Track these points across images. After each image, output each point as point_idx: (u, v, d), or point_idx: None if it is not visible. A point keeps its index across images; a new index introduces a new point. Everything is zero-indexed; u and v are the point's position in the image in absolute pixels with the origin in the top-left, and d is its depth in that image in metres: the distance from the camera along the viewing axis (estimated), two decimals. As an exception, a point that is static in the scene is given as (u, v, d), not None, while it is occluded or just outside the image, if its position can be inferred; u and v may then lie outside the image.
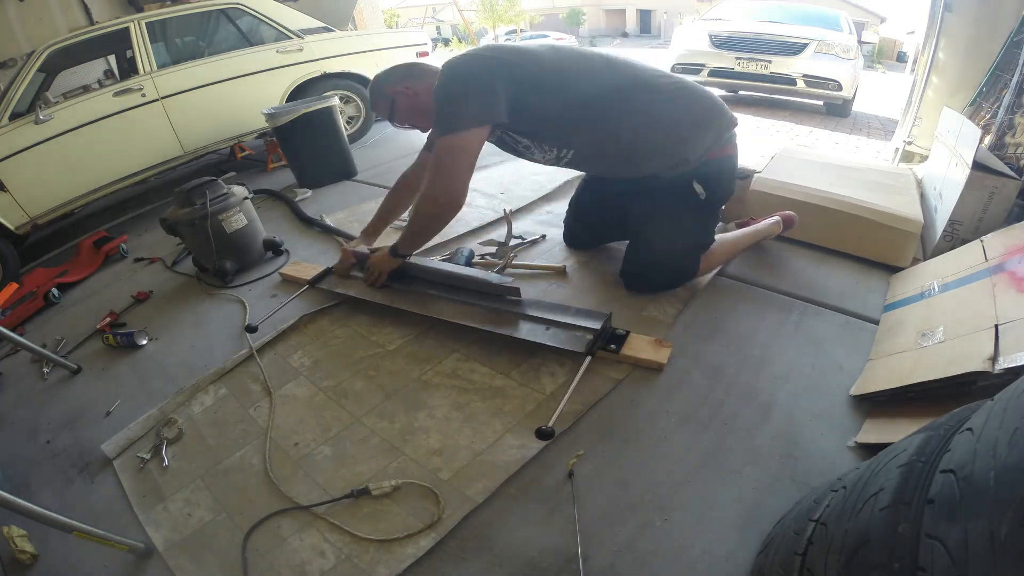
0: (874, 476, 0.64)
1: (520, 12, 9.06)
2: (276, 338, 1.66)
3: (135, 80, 3.10)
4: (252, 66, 3.47)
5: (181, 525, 1.12)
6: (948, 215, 1.73)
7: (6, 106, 2.73)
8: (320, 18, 3.89)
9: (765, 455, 1.12)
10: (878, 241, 1.77)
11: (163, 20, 3.30)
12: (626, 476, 1.10)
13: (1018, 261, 1.24)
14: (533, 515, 1.05)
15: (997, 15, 2.34)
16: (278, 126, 2.93)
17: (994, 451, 0.48)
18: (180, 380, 1.55)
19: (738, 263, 1.81)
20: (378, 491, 1.10)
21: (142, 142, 3.16)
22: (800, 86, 4.65)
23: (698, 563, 0.94)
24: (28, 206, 2.72)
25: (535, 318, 1.47)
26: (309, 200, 2.90)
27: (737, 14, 5.51)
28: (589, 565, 0.94)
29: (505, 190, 2.64)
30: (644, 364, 1.36)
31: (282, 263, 2.16)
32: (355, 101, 3.95)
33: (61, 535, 0.99)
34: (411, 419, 1.30)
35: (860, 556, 0.57)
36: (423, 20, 19.21)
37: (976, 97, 2.36)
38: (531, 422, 1.23)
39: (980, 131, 1.73)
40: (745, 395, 1.28)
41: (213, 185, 2.05)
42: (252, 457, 1.26)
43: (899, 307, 1.47)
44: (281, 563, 1.01)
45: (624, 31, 30.59)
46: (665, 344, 1.39)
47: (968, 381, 1.00)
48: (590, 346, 1.35)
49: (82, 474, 1.31)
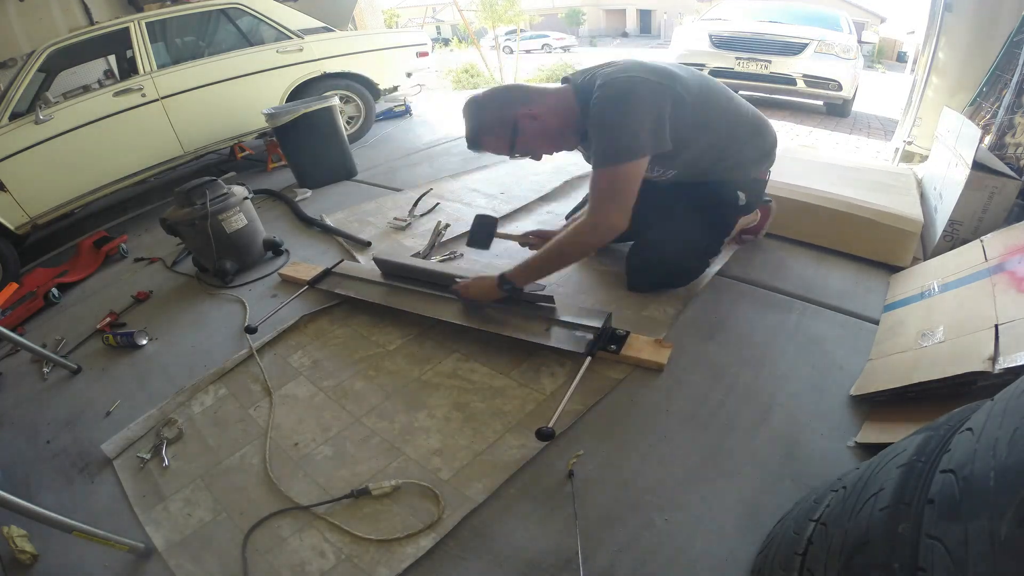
0: (874, 476, 0.64)
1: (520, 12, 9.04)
2: (276, 338, 1.66)
3: (135, 80, 3.10)
4: (252, 66, 3.47)
5: (181, 525, 1.12)
6: (948, 215, 1.73)
7: (6, 106, 2.73)
8: (320, 18, 3.89)
9: (765, 455, 1.12)
10: (878, 241, 1.77)
11: (163, 20, 3.30)
12: (626, 476, 1.10)
13: (1018, 261, 1.24)
14: (533, 515, 1.05)
15: (997, 15, 2.34)
16: (278, 126, 2.93)
17: (994, 451, 0.48)
18: (180, 380, 1.55)
19: (738, 263, 1.81)
20: (378, 491, 1.10)
21: (142, 142, 3.16)
22: (800, 86, 4.65)
23: (698, 563, 0.94)
24: (28, 206, 2.72)
25: (534, 317, 1.47)
26: (309, 200, 2.91)
27: (737, 14, 5.51)
28: (589, 565, 0.94)
29: (505, 190, 2.65)
30: (644, 364, 1.36)
31: (282, 263, 2.16)
32: (355, 101, 3.95)
33: (61, 535, 0.99)
34: (411, 419, 1.30)
35: (860, 556, 0.57)
36: (423, 20, 19.19)
37: (976, 97, 2.36)
38: (531, 422, 1.23)
39: (980, 131, 1.73)
40: (745, 395, 1.28)
41: (213, 185, 2.05)
42: (252, 457, 1.26)
43: (899, 307, 1.47)
44: (281, 563, 1.01)
45: (624, 31, 30.59)
46: (665, 344, 1.38)
47: (968, 381, 1.00)
48: (590, 346, 1.34)
49: (82, 474, 1.31)
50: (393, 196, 2.77)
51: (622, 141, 1.26)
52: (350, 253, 2.17)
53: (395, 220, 2.39)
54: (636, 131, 1.26)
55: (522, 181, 2.73)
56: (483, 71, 8.43)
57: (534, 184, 2.65)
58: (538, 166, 1.81)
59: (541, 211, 2.40)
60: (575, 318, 1.45)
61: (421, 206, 2.50)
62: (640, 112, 1.26)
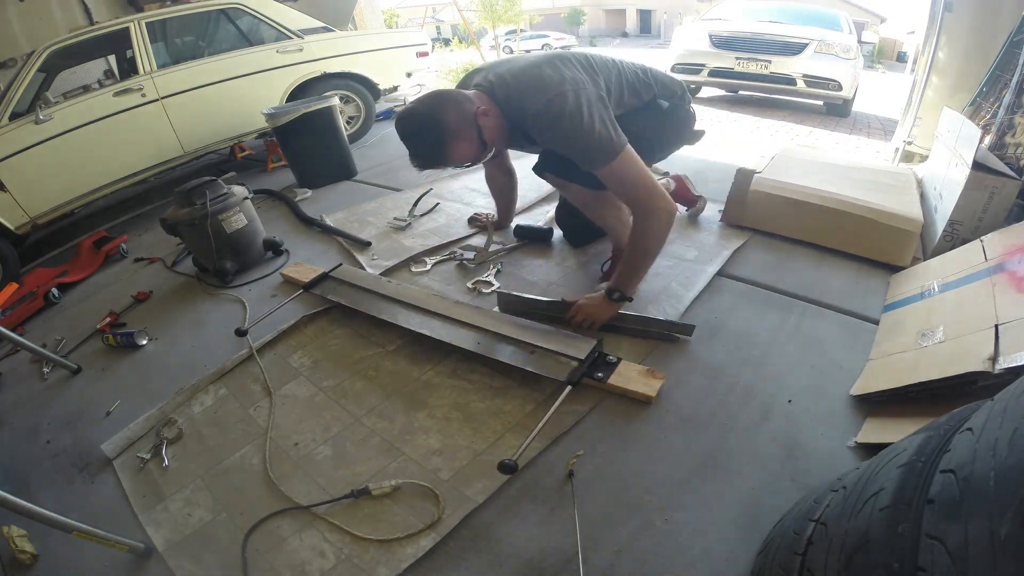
0: (874, 476, 0.64)
1: (520, 12, 9.05)
2: (276, 338, 1.66)
3: (135, 80, 3.10)
4: (252, 66, 3.47)
5: (181, 525, 1.12)
6: (948, 215, 1.73)
7: (6, 106, 2.72)
8: (320, 18, 3.89)
9: (765, 455, 1.12)
10: (878, 241, 1.77)
11: (163, 20, 3.30)
12: (626, 476, 1.10)
13: (1018, 261, 1.24)
14: (533, 515, 1.05)
15: (997, 15, 2.34)
16: (278, 126, 2.93)
17: (994, 451, 0.48)
18: (180, 380, 1.55)
19: (738, 263, 1.81)
20: (378, 491, 1.10)
21: (142, 142, 3.16)
22: (800, 86, 4.65)
23: (698, 563, 0.94)
24: (28, 206, 2.72)
25: (519, 342, 1.42)
26: (309, 200, 2.91)
27: (737, 14, 5.51)
28: (589, 565, 0.94)
29: (505, 190, 2.64)
30: (631, 396, 1.28)
31: (282, 263, 2.16)
32: (355, 101, 3.95)
33: (61, 535, 0.99)
34: (411, 419, 1.30)
35: (860, 556, 0.57)
36: (423, 20, 19.18)
37: (976, 97, 2.36)
38: (531, 422, 1.23)
39: (980, 131, 1.73)
40: (745, 395, 1.28)
41: (213, 185, 2.05)
42: (252, 457, 1.26)
43: (899, 307, 1.47)
44: (281, 563, 1.01)
45: (624, 31, 30.59)
46: (657, 375, 1.30)
47: (968, 381, 1.00)
48: (573, 374, 1.28)
49: (82, 474, 1.31)
50: (393, 196, 2.77)
51: (605, 139, 1.28)
52: (350, 253, 2.17)
53: (395, 220, 2.39)
54: (606, 126, 1.28)
55: (521, 181, 2.71)
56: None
57: (534, 184, 2.64)
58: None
59: (541, 211, 2.40)
60: (563, 344, 1.38)
61: (421, 206, 2.50)
62: (594, 111, 1.28)
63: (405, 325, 1.57)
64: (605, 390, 1.31)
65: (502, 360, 1.39)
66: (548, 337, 1.42)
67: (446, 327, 1.53)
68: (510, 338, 1.45)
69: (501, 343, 1.44)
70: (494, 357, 1.40)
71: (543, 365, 1.34)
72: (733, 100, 5.60)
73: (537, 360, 1.36)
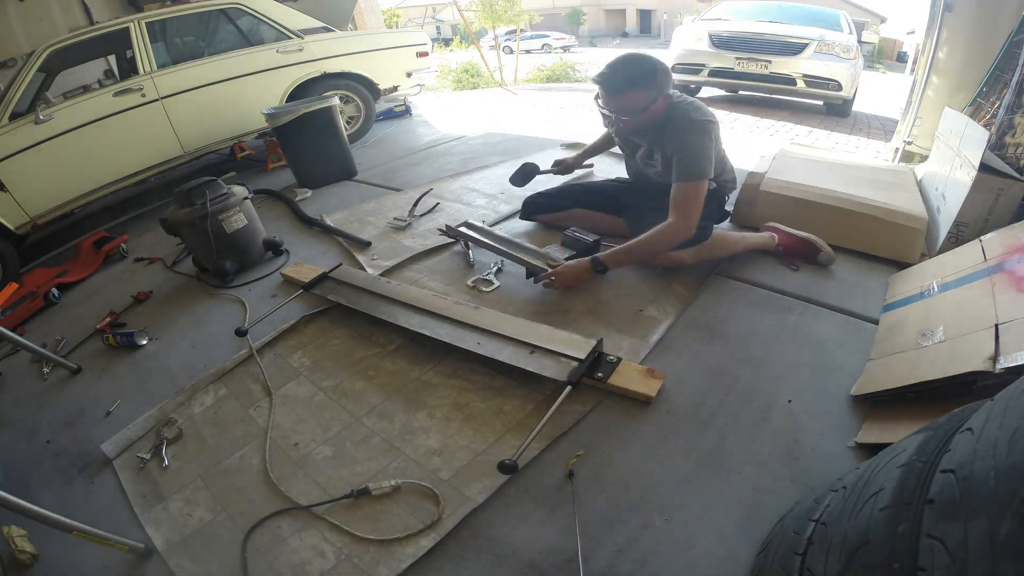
0: (874, 476, 0.64)
1: (520, 12, 9.04)
2: (276, 338, 1.66)
3: (135, 80, 3.10)
4: (252, 66, 3.46)
5: (181, 525, 1.12)
6: (953, 216, 1.72)
7: (6, 106, 2.72)
8: (320, 18, 3.89)
9: (765, 455, 1.12)
10: (888, 238, 1.77)
11: (163, 20, 3.30)
12: (626, 476, 1.10)
13: (1017, 261, 1.24)
14: (533, 515, 1.05)
15: (997, 15, 2.34)
16: (278, 126, 2.93)
17: (994, 451, 0.48)
18: (180, 380, 1.55)
19: (738, 263, 1.81)
20: (378, 491, 1.10)
21: (142, 142, 3.15)
22: (800, 86, 4.64)
23: (698, 563, 0.94)
24: (28, 206, 2.71)
25: (519, 342, 1.42)
26: (309, 200, 2.91)
27: (737, 14, 5.51)
28: (589, 565, 0.94)
29: (505, 190, 2.64)
30: (631, 395, 1.28)
31: (282, 263, 2.16)
32: (355, 101, 3.95)
33: (61, 535, 0.99)
34: (411, 419, 1.30)
35: (860, 556, 0.57)
36: (423, 20, 19.18)
37: (976, 97, 2.36)
38: (531, 421, 1.23)
39: (987, 133, 1.72)
40: (745, 395, 1.28)
41: (213, 185, 2.05)
42: (252, 457, 1.26)
43: (899, 307, 1.47)
44: (281, 563, 1.01)
45: (624, 31, 30.57)
46: (657, 375, 1.31)
47: (968, 381, 1.00)
48: (573, 374, 1.29)
49: (82, 474, 1.31)
50: (393, 196, 2.77)
51: (702, 163, 1.56)
52: (350, 253, 2.17)
53: (395, 220, 2.39)
54: (708, 158, 1.58)
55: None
56: (483, 71, 8.43)
57: (534, 184, 2.64)
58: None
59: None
60: (562, 344, 1.39)
61: (421, 206, 2.50)
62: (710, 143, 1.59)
63: (405, 325, 1.57)
64: (605, 390, 1.31)
65: (502, 360, 1.39)
66: (548, 337, 1.43)
67: (446, 327, 1.53)
68: (510, 338, 1.45)
69: (501, 343, 1.44)
70: (494, 357, 1.40)
71: (543, 365, 1.34)
72: (733, 100, 5.60)
73: (537, 360, 1.37)
